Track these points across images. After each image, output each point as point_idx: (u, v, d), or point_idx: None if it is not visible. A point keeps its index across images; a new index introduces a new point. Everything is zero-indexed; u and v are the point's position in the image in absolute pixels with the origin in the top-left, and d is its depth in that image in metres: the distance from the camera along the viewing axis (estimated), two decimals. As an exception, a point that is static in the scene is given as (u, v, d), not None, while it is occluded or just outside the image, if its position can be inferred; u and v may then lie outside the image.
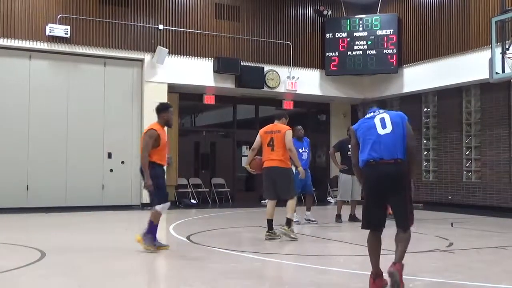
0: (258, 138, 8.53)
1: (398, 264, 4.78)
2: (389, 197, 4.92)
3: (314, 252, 7.35)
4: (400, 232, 4.96)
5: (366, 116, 5.21)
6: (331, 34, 16.06)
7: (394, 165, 4.86)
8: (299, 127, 10.43)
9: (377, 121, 5.05)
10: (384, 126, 4.98)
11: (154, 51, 14.05)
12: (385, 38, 15.62)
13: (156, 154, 7.05)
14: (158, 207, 7.06)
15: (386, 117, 5.05)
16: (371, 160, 4.92)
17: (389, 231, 5.34)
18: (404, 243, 4.90)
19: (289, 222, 8.27)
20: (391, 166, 4.85)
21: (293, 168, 8.77)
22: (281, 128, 8.37)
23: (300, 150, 10.09)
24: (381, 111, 5.16)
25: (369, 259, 4.95)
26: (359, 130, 5.14)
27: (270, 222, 8.21)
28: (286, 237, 8.10)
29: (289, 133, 8.35)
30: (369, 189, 5.01)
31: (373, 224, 4.97)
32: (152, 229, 7.06)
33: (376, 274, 4.88)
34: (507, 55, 11.57)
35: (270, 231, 8.22)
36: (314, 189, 11.21)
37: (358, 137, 5.11)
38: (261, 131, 8.55)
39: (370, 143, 4.96)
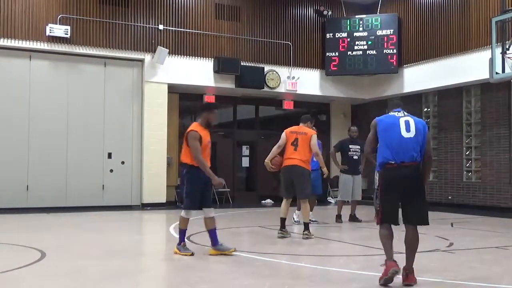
0: (283, 136, 8.72)
1: (411, 276, 5.04)
2: (407, 196, 5.13)
3: (314, 252, 7.35)
4: (409, 231, 5.15)
5: (391, 113, 5.29)
6: (331, 34, 16.06)
7: (415, 167, 5.13)
8: (314, 128, 10.46)
9: (402, 122, 5.23)
10: (408, 129, 5.18)
11: (154, 51, 14.05)
12: (385, 38, 15.62)
13: None
14: (183, 213, 6.84)
15: (411, 121, 5.24)
16: (393, 162, 5.13)
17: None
18: (414, 246, 5.15)
19: (307, 226, 8.48)
20: (412, 168, 5.12)
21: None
22: (308, 131, 8.63)
23: None
24: (405, 113, 5.34)
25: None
26: (381, 122, 5.29)
27: (283, 220, 8.45)
28: (308, 239, 8.27)
29: (315, 137, 8.62)
30: (390, 188, 5.16)
31: (392, 220, 5.18)
32: (181, 235, 6.86)
33: (392, 259, 5.09)
34: (507, 55, 11.56)
35: (283, 230, 8.44)
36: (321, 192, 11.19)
37: (379, 128, 5.26)
38: (287, 130, 8.75)
39: (393, 144, 5.16)
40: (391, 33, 15.59)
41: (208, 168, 6.67)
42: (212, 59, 14.88)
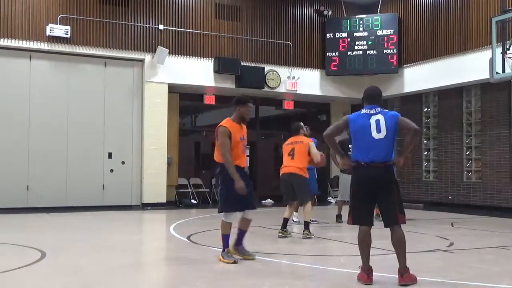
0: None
1: (407, 276, 5.05)
2: (377, 197, 5.18)
3: (314, 252, 7.35)
4: (392, 232, 5.17)
5: (363, 111, 5.28)
6: (331, 34, 16.06)
7: (384, 168, 5.15)
8: (306, 127, 10.53)
9: (372, 122, 5.21)
10: (379, 130, 5.17)
11: (155, 51, 14.05)
12: (385, 38, 15.62)
13: None
14: (223, 217, 6.38)
15: (382, 120, 5.19)
16: (363, 163, 5.18)
17: (388, 231, 5.33)
18: (401, 246, 5.12)
19: (307, 225, 8.55)
20: (381, 169, 5.15)
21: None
22: (304, 140, 8.78)
23: None
24: (377, 109, 5.27)
25: (372, 256, 5.21)
26: (352, 123, 5.29)
27: (285, 220, 8.61)
28: (308, 239, 8.34)
29: (313, 145, 8.78)
30: (359, 188, 5.24)
31: (361, 221, 5.23)
32: (224, 241, 6.34)
33: (368, 270, 5.14)
34: (507, 55, 11.57)
35: (284, 229, 8.55)
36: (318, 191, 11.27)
37: (351, 129, 5.28)
38: (284, 144, 8.97)
39: (364, 146, 5.19)
40: (391, 33, 15.59)
41: (233, 168, 6.16)
42: (212, 59, 14.88)
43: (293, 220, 10.34)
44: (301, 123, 9.12)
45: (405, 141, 5.29)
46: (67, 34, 13.05)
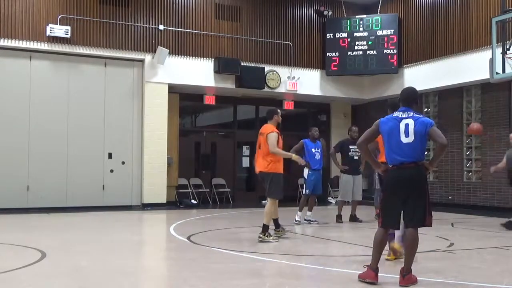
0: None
1: (407, 277, 5.06)
2: (406, 198, 5.18)
3: (314, 252, 7.35)
4: (410, 231, 5.18)
5: (394, 114, 5.38)
6: (331, 34, 16.06)
7: (415, 168, 5.19)
8: (315, 128, 10.95)
9: (402, 126, 5.27)
10: (407, 134, 5.23)
11: (155, 52, 14.05)
12: (385, 38, 15.62)
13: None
14: None
15: (411, 124, 5.24)
16: (393, 165, 5.27)
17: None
18: (412, 248, 5.17)
19: (266, 228, 8.08)
20: (412, 169, 5.19)
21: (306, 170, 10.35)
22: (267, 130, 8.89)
23: (313, 150, 10.62)
24: (410, 113, 5.32)
25: (371, 256, 5.17)
26: (383, 125, 5.36)
27: (275, 221, 8.44)
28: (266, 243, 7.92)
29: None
30: (390, 191, 5.28)
31: (391, 224, 5.28)
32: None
33: (377, 269, 5.16)
34: (507, 55, 11.58)
35: (277, 230, 8.45)
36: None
37: (381, 130, 5.35)
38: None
39: (393, 149, 5.26)
40: (391, 33, 15.59)
41: None
42: (212, 59, 14.88)
43: (294, 220, 10.36)
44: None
45: (434, 152, 5.41)
46: (67, 34, 13.05)
